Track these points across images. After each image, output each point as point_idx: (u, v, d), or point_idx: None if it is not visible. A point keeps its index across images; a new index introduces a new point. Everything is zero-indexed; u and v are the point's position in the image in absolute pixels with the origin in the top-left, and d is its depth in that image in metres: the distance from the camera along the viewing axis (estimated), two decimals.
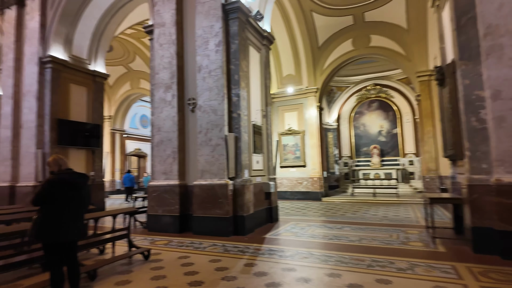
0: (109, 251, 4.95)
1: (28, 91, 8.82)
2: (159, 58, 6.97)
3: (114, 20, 10.03)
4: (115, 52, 15.34)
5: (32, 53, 8.95)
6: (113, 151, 18.21)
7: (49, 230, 2.75)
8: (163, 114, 6.73)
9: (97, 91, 10.10)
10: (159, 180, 6.62)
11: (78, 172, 3.07)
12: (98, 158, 9.75)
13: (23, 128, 8.73)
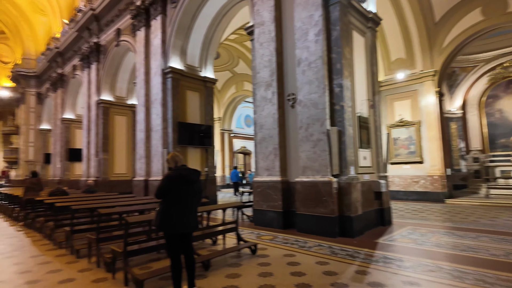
0: (220, 242, 5.30)
1: (155, 99, 10.34)
2: (259, 57, 7.11)
3: (220, 28, 10.80)
4: (221, 59, 16.64)
5: (156, 66, 10.43)
6: (222, 149, 19.94)
7: (168, 221, 3.04)
8: (264, 112, 6.84)
9: (208, 95, 11.10)
10: (262, 176, 6.77)
11: (191, 168, 3.31)
12: (211, 156, 10.71)
13: (153, 131, 10.29)
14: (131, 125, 14.07)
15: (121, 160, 13.84)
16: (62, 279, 3.75)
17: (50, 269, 4.15)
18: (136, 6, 11.12)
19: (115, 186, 12.76)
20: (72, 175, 17.09)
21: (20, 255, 4.98)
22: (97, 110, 13.75)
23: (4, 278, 3.86)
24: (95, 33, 14.09)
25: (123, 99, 14.42)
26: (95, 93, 13.95)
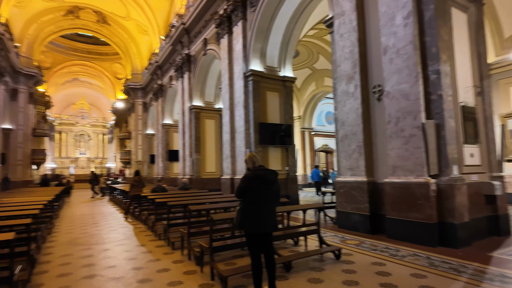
0: (302, 243, 5.18)
1: (238, 102, 10.83)
2: (339, 49, 6.73)
3: (298, 26, 10.66)
4: (300, 56, 16.45)
5: (239, 70, 10.90)
6: (303, 148, 19.72)
7: (247, 220, 3.08)
8: (346, 108, 6.44)
9: (287, 94, 11.08)
10: (345, 176, 6.37)
11: (269, 169, 3.30)
12: (291, 155, 10.67)
13: (236, 132, 10.80)
14: (219, 127, 15.07)
15: (211, 159, 14.99)
16: (159, 268, 4.19)
17: (150, 258, 4.71)
18: (219, 15, 11.82)
19: (206, 184, 13.87)
20: (171, 173, 19.29)
21: (129, 243, 5.80)
22: (189, 115, 15.16)
23: (116, 263, 4.53)
24: (186, 45, 15.55)
25: (211, 104, 15.56)
26: (187, 100, 15.41)
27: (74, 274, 4.04)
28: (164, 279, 3.77)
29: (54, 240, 6.11)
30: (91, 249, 5.38)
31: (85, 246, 5.56)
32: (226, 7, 11.28)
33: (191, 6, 14.49)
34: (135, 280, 3.76)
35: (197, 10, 13.40)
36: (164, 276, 3.88)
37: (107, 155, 39.47)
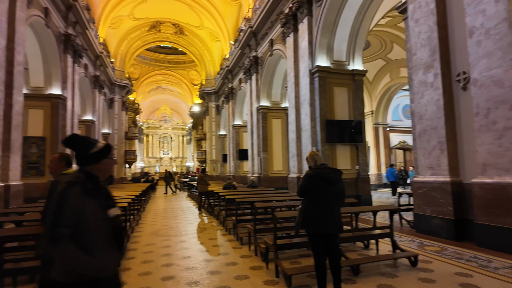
0: (373, 247, 4.86)
1: (303, 100, 10.70)
2: (415, 36, 6.11)
3: (368, 15, 10.02)
4: (372, 48, 15.43)
5: (304, 68, 10.76)
6: (377, 145, 18.41)
7: (309, 220, 3.02)
8: (424, 100, 5.81)
9: (357, 89, 10.51)
10: (424, 175, 5.75)
11: (332, 168, 3.19)
12: (362, 153, 10.09)
13: (302, 131, 10.68)
14: (285, 126, 15.12)
15: (278, 158, 15.13)
16: (228, 262, 4.41)
17: (220, 252, 4.98)
18: (284, 14, 11.85)
19: (274, 182, 14.05)
20: (241, 171, 20.07)
21: (202, 236, 6.24)
22: (257, 115, 15.56)
23: (190, 254, 4.92)
24: (254, 48, 16.00)
25: (278, 103, 15.69)
26: (255, 101, 15.84)
27: (155, 261, 4.52)
28: (231, 273, 3.95)
29: (141, 231, 6.93)
30: (170, 240, 5.94)
31: (165, 237, 6.16)
32: (292, 5, 11.24)
33: (257, 8, 14.84)
34: (205, 271, 4.03)
35: (263, 12, 13.65)
36: (232, 270, 4.07)
37: (186, 155, 43.11)
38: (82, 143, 1.65)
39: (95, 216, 1.51)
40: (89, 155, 1.63)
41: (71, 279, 1.42)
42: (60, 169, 2.83)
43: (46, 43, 11.32)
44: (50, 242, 1.38)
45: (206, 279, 3.75)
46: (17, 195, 8.38)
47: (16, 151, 8.49)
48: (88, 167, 1.63)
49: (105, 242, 1.53)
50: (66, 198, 1.44)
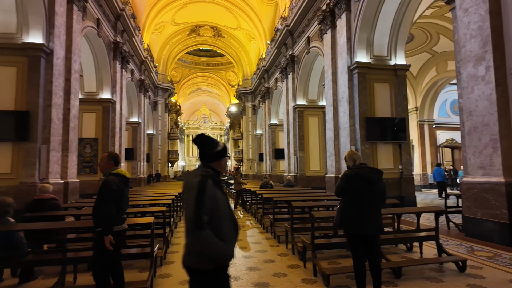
0: (417, 250, 4.65)
1: (342, 97, 10.46)
2: (464, 27, 5.72)
3: (411, 7, 9.53)
4: (415, 40, 14.61)
5: (342, 64, 10.50)
6: (422, 143, 17.36)
7: (348, 220, 2.99)
8: (474, 94, 5.42)
9: (400, 84, 10.04)
10: (474, 175, 5.36)
11: (371, 167, 3.13)
12: (405, 151, 9.63)
13: (340, 129, 10.44)
14: (322, 124, 14.87)
15: (315, 157, 14.93)
16: (266, 259, 4.50)
17: (259, 249, 5.09)
18: (322, 10, 11.66)
19: (311, 182, 13.90)
20: (278, 170, 20.11)
21: (240, 233, 6.40)
22: (293, 114, 15.49)
23: None
24: (290, 46, 15.94)
25: (315, 102, 15.48)
26: (291, 100, 15.78)
27: None
28: (270, 270, 4.03)
29: (183, 226, 7.27)
30: None
31: None
32: (329, 1, 11.03)
33: (294, 7, 14.77)
34: (244, 267, 4.15)
35: (300, 9, 13.54)
36: (270, 267, 4.15)
37: None
38: (209, 143, 1.86)
39: (224, 205, 1.73)
40: (213, 153, 1.83)
41: (205, 265, 1.61)
42: (109, 167, 2.95)
43: (97, 51, 12.29)
44: (195, 229, 1.57)
45: (245, 274, 3.88)
46: (74, 191, 9.22)
47: (73, 151, 9.34)
48: (212, 163, 1.83)
49: (231, 229, 1.73)
50: (204, 190, 1.64)
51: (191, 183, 1.70)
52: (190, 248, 1.66)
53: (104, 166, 2.97)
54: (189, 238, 1.64)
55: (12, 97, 7.83)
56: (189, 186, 1.71)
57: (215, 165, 1.84)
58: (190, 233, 1.62)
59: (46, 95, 8.09)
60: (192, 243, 1.63)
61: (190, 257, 1.67)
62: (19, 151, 7.71)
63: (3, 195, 7.16)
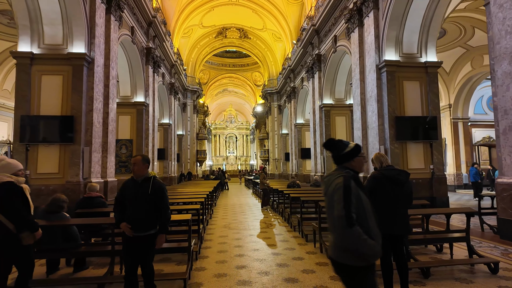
0: (447, 251, 4.62)
1: (370, 96, 10.34)
2: (498, 23, 5.55)
3: (442, 3, 9.23)
4: (448, 35, 14.05)
5: (370, 63, 10.38)
6: (456, 142, 16.62)
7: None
8: (509, 93, 5.25)
9: (431, 82, 9.77)
10: (510, 176, 5.20)
11: (398, 169, 3.21)
12: (437, 151, 9.37)
13: (369, 128, 10.33)
14: (350, 123, 14.71)
15: None
16: (295, 256, 4.68)
17: (287, 247, 5.28)
18: (349, 9, 11.58)
19: None
20: (304, 170, 20.09)
21: (269, 231, 6.62)
22: (320, 113, 15.45)
23: (259, 247, 5.31)
24: (316, 45, 15.90)
25: (342, 101, 15.35)
26: (318, 99, 15.74)
27: (228, 252, 5.02)
28: (299, 266, 4.21)
29: (214, 223, 7.62)
30: (240, 233, 6.45)
31: (236, 230, 6.70)
32: (356, 0, 10.94)
33: (320, 6, 14.73)
34: (274, 264, 4.36)
35: (327, 8, 13.48)
36: (298, 264, 4.33)
37: (250, 153, 44.61)
38: (338, 145, 2.00)
39: (367, 204, 1.86)
40: (344, 154, 1.96)
41: (356, 262, 1.73)
42: (145, 171, 2.90)
43: (132, 57, 13.01)
44: (347, 226, 1.68)
45: (275, 270, 4.08)
46: (112, 190, 9.88)
47: (111, 152, 10.01)
48: (346, 164, 1.95)
49: (376, 227, 1.85)
50: (349, 189, 1.77)
51: (333, 184, 1.82)
52: (338, 244, 1.77)
53: (140, 170, 2.88)
54: (337, 235, 1.75)
55: (59, 103, 8.55)
56: (331, 187, 1.82)
57: (350, 165, 1.95)
58: (337, 230, 1.73)
59: (88, 100, 8.75)
60: (341, 240, 1.73)
61: (338, 252, 1.78)
62: (65, 153, 8.41)
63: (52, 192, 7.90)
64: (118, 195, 2.98)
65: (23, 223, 2.64)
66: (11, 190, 2.63)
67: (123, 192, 2.93)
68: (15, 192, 2.65)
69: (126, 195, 2.90)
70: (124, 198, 2.91)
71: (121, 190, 2.95)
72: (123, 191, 2.93)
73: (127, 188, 2.92)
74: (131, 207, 2.85)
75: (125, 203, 2.90)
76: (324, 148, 2.04)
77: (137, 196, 2.85)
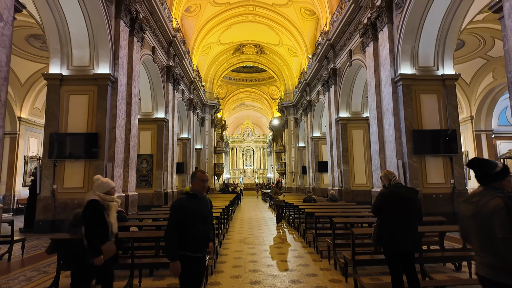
0: (466, 270, 4.50)
1: (386, 109, 10.28)
2: None
3: (458, 15, 9.19)
4: (467, 47, 13.83)
5: (386, 76, 10.36)
6: (479, 155, 16.01)
7: (385, 237, 3.12)
8: None
9: (449, 94, 9.63)
10: None
11: (406, 186, 3.25)
12: (457, 165, 9.13)
13: (386, 142, 10.23)
14: (367, 136, 14.57)
15: (360, 170, 14.58)
16: (308, 273, 4.70)
17: (301, 263, 5.29)
18: (363, 24, 11.69)
19: (356, 196, 13.62)
20: (321, 184, 19.90)
21: (284, 247, 6.64)
22: (336, 126, 15.42)
23: (273, 263, 5.36)
24: (332, 60, 16.04)
25: (358, 114, 15.28)
26: (334, 112, 15.75)
27: (243, 267, 5.10)
28: (312, 283, 4.23)
29: (230, 237, 7.71)
30: (255, 248, 6.51)
31: (251, 245, 6.77)
32: (370, 15, 11.05)
33: (335, 21, 14.94)
34: (288, 279, 4.40)
35: (341, 23, 13.67)
36: (312, 280, 4.34)
37: (267, 166, 44.62)
38: (484, 165, 2.00)
39: None
40: (492, 174, 1.95)
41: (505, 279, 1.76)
42: None
43: (153, 75, 13.61)
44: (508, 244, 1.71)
45: (288, 287, 4.12)
46: (133, 203, 10.22)
47: (133, 167, 10.41)
48: (495, 184, 1.94)
49: None
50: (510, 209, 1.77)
51: (490, 206, 1.82)
52: (499, 264, 1.78)
53: (205, 187, 2.74)
54: (501, 255, 1.75)
55: (84, 120, 9.05)
56: (488, 209, 1.82)
57: (500, 185, 1.93)
58: (502, 250, 1.73)
59: (111, 117, 9.22)
60: (503, 260, 1.75)
61: (497, 272, 1.79)
62: (89, 168, 8.84)
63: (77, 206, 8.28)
64: (177, 216, 2.57)
65: (88, 245, 2.78)
66: (91, 209, 2.82)
67: (186, 211, 2.58)
68: (94, 212, 2.82)
69: (193, 213, 2.60)
70: (187, 218, 2.58)
71: (183, 210, 2.58)
72: (186, 210, 2.59)
73: (191, 206, 2.61)
74: (199, 225, 2.62)
75: (184, 223, 2.57)
76: (468, 167, 2.05)
77: (204, 212, 2.70)
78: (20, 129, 15.34)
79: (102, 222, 2.85)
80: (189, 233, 2.57)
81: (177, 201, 2.68)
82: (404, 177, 9.10)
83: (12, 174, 14.96)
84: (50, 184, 8.61)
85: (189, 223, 2.58)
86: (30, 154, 16.00)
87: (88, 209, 2.83)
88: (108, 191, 3.01)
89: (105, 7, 8.85)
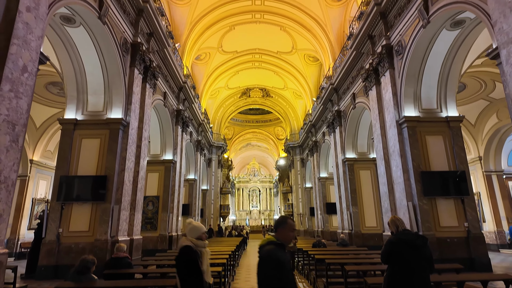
0: None
1: (393, 151, 10.30)
2: None
3: (457, 60, 9.55)
4: (469, 89, 14.18)
5: (390, 119, 10.53)
6: (492, 196, 15.61)
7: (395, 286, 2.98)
8: None
9: (454, 135, 9.67)
10: None
11: (415, 233, 3.17)
12: (469, 207, 8.88)
13: (395, 184, 10.09)
14: (375, 177, 14.42)
15: (370, 213, 14.19)
16: None
17: None
18: (365, 69, 12.18)
19: (367, 239, 13.11)
20: (331, 226, 19.29)
21: None
22: (343, 167, 15.36)
23: None
24: (336, 102, 16.48)
25: (365, 154, 15.30)
26: (340, 153, 15.81)
27: None
28: None
29: (236, 286, 7.37)
30: None
31: None
32: (372, 61, 11.55)
33: (338, 67, 15.62)
34: None
35: (344, 68, 14.27)
36: None
37: (273, 207, 43.72)
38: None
39: None
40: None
41: None
42: None
43: (163, 119, 14.06)
44: None
45: None
46: (138, 248, 9.97)
47: (139, 210, 10.33)
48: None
49: None
50: None
51: None
52: None
53: None
54: None
55: (95, 163, 9.19)
56: None
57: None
58: None
59: (121, 160, 9.36)
60: None
61: None
62: (96, 211, 8.78)
63: (81, 251, 8.14)
64: (281, 273, 2.16)
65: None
66: (185, 256, 2.66)
67: (286, 266, 2.25)
68: (188, 259, 2.65)
69: (289, 268, 2.27)
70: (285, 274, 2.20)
71: (283, 265, 2.20)
72: (286, 265, 2.26)
73: (287, 260, 2.29)
74: None
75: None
76: None
77: None
78: (30, 172, 15.58)
79: (196, 272, 2.62)
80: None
81: (273, 253, 2.22)
82: (416, 220, 8.84)
83: (18, 217, 14.90)
84: (56, 228, 8.52)
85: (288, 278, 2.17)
86: (39, 196, 16.07)
87: (183, 256, 2.60)
88: (200, 236, 2.81)
89: (121, 57, 9.44)
